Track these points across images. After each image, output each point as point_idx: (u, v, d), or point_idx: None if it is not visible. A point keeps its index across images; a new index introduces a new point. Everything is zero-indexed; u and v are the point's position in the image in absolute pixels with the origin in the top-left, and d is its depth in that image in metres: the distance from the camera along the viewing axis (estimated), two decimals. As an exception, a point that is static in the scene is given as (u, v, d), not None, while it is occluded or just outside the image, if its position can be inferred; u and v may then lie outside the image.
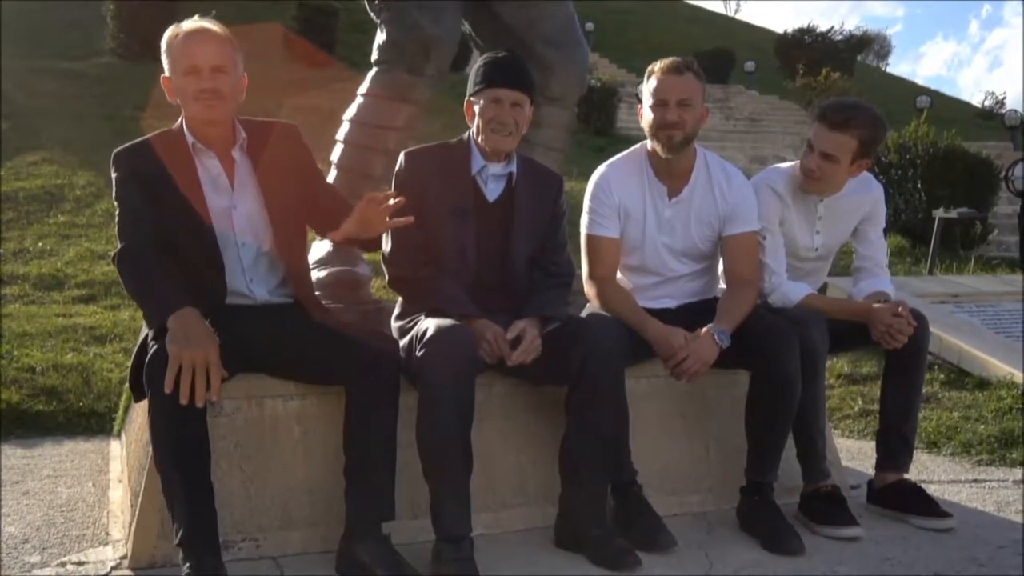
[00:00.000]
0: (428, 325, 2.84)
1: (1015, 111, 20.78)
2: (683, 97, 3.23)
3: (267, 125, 3.03)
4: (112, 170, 2.86)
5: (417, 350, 2.81)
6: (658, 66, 3.29)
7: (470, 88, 3.09)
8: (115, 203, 2.85)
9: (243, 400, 2.94)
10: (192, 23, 2.87)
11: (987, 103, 28.99)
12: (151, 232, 2.78)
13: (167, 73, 2.88)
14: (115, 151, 2.87)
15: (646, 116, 3.31)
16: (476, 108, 3.06)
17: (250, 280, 2.92)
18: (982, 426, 4.69)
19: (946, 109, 25.21)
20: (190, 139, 2.88)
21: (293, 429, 3.01)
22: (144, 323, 2.79)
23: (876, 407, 3.76)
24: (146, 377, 2.57)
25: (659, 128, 3.26)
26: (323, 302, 3.20)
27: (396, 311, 3.22)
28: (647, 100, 3.32)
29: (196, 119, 2.87)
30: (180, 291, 2.68)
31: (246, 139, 2.94)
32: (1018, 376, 5.37)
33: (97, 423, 4.59)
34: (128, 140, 2.93)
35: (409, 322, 3.06)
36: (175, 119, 2.96)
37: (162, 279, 2.70)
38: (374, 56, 3.91)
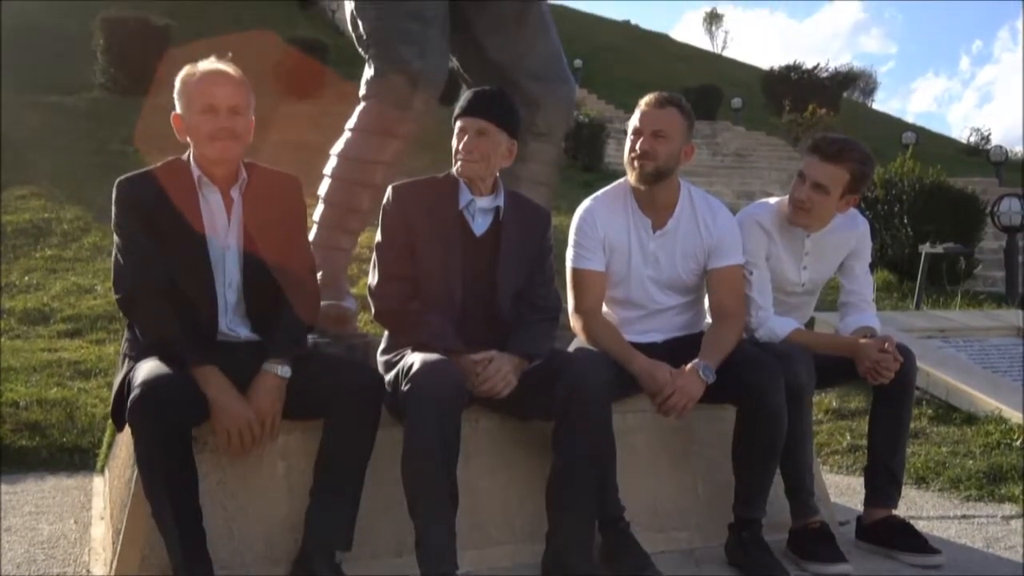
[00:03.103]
0: (414, 359, 2.83)
1: (1000, 147, 21.00)
2: (658, 128, 3.25)
3: (270, 173, 3.04)
4: (113, 198, 2.85)
5: (403, 384, 2.79)
6: (644, 99, 3.33)
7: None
8: (115, 232, 2.85)
9: (222, 442, 2.90)
10: (209, 64, 2.90)
11: (972, 139, 29.28)
12: (156, 270, 2.80)
13: (179, 111, 2.90)
14: (119, 179, 2.87)
15: (625, 147, 3.34)
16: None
17: (230, 320, 2.92)
18: (970, 461, 4.68)
19: (932, 145, 25.46)
20: (196, 172, 2.89)
21: (277, 465, 2.98)
22: (124, 355, 2.85)
23: (864, 442, 3.74)
24: (136, 405, 2.57)
25: (631, 157, 3.29)
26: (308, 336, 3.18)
27: (382, 345, 3.21)
28: (628, 132, 3.35)
29: (208, 158, 2.88)
30: (200, 345, 2.77)
31: (246, 180, 2.94)
32: (1007, 412, 5.36)
33: (80, 459, 4.56)
34: (117, 174, 2.92)
35: (395, 356, 3.05)
36: (165, 153, 2.96)
37: (180, 329, 2.76)
38: (362, 91, 3.92)
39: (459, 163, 3.08)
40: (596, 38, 34.57)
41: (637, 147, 3.27)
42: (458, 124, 3.09)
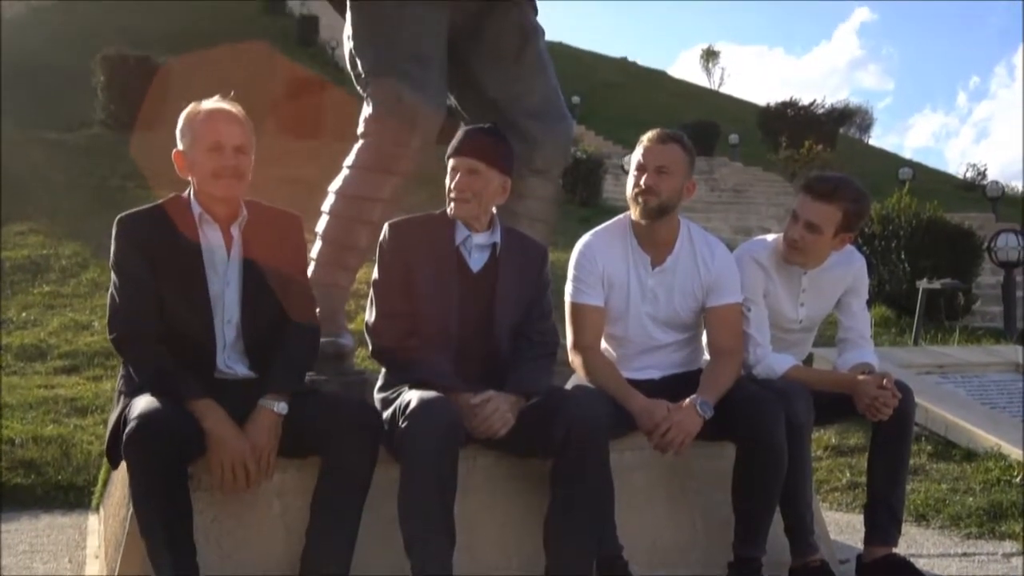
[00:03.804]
0: (411, 397, 2.82)
1: (996, 182, 21.07)
2: (661, 164, 3.27)
3: (271, 210, 3.05)
4: (113, 235, 2.85)
5: (400, 422, 2.79)
6: (646, 136, 3.34)
7: None
8: (113, 270, 2.86)
9: (217, 476, 2.88)
10: (213, 103, 2.93)
11: (969, 175, 29.41)
12: (152, 310, 2.80)
13: (181, 148, 2.91)
14: (119, 216, 2.87)
15: (628, 191, 3.35)
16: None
17: (228, 357, 2.92)
18: (970, 498, 4.65)
19: (929, 181, 25.54)
20: (197, 209, 2.90)
21: (273, 503, 2.96)
22: (119, 392, 2.83)
23: (864, 479, 3.73)
24: (132, 438, 2.56)
25: (635, 192, 3.30)
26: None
27: (379, 382, 3.20)
28: (631, 168, 3.36)
29: (211, 196, 2.89)
30: (199, 379, 2.76)
31: (246, 217, 2.95)
32: (1006, 448, 5.34)
33: (76, 496, 4.53)
34: (116, 210, 2.93)
35: (392, 393, 3.04)
36: (165, 189, 2.97)
37: (175, 365, 2.75)
38: (360, 129, 3.94)
39: (451, 203, 3.09)
40: (594, 75, 34.82)
41: (641, 183, 3.28)
42: (450, 163, 3.11)
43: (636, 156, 3.35)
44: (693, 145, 3.43)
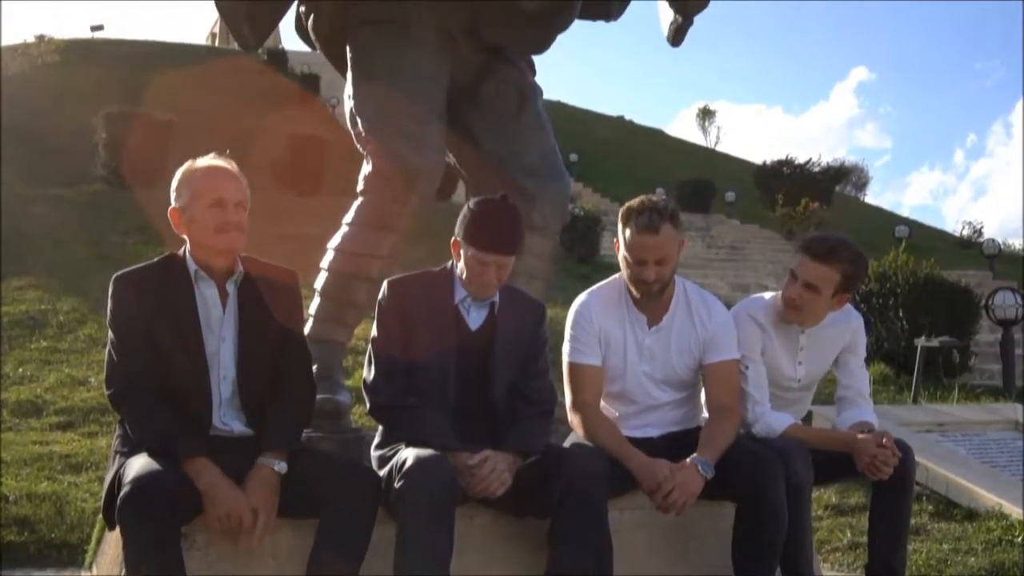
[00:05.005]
0: (408, 455, 2.81)
1: (993, 240, 21.15)
2: (661, 256, 3.24)
3: (266, 266, 3.06)
4: (111, 293, 2.88)
5: (396, 481, 2.77)
6: (634, 219, 3.25)
7: (460, 229, 3.09)
8: (110, 328, 2.88)
9: (216, 533, 2.87)
10: (209, 160, 2.97)
11: (965, 232, 29.61)
12: (149, 367, 2.81)
13: (178, 205, 2.93)
14: (115, 275, 2.90)
15: (624, 267, 3.33)
16: (462, 252, 3.08)
17: (224, 414, 2.91)
18: (972, 559, 4.61)
19: (926, 238, 25.70)
20: (192, 267, 2.92)
21: (267, 563, 2.93)
22: (115, 451, 2.82)
23: (865, 539, 3.69)
24: (126, 502, 2.54)
25: (639, 283, 3.29)
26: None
27: (376, 440, 3.19)
28: (623, 249, 3.31)
29: (212, 249, 2.91)
30: (196, 437, 2.76)
31: (242, 273, 2.97)
32: (1007, 507, 5.31)
33: (69, 555, 4.48)
34: (115, 266, 2.96)
35: (389, 451, 3.02)
36: (163, 245, 2.99)
37: (172, 423, 2.75)
38: (359, 186, 3.97)
39: (474, 287, 3.08)
40: (592, 133, 35.06)
41: (647, 276, 3.26)
42: (479, 255, 3.02)
43: (628, 241, 3.26)
44: (688, 202, 3.45)
